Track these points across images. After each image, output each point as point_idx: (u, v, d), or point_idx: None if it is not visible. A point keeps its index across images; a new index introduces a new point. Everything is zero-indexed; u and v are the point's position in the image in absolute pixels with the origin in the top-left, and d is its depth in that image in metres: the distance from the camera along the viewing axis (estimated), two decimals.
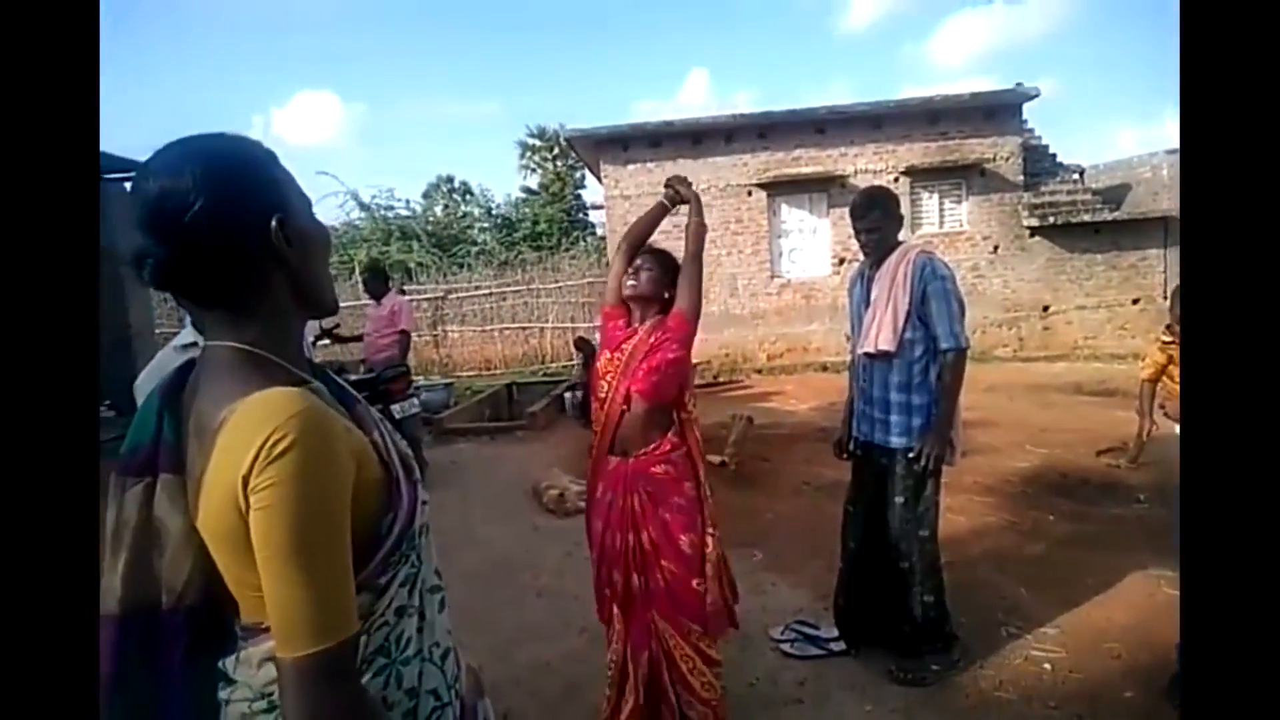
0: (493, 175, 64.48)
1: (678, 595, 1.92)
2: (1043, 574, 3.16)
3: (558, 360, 11.99)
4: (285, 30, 58.10)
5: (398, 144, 46.76)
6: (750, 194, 10.65)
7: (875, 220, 2.39)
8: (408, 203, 19.82)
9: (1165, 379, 2.49)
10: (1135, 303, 10.22)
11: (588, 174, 15.41)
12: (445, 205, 21.62)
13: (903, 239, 2.46)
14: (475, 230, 20.31)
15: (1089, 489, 4.31)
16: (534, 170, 21.65)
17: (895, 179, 10.27)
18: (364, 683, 0.74)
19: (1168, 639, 2.36)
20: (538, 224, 19.47)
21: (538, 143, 21.40)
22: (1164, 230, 9.97)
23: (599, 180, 11.34)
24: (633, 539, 1.94)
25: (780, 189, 10.58)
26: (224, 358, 0.76)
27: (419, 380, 7.90)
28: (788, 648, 2.61)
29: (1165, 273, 10.10)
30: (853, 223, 2.46)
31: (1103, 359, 9.46)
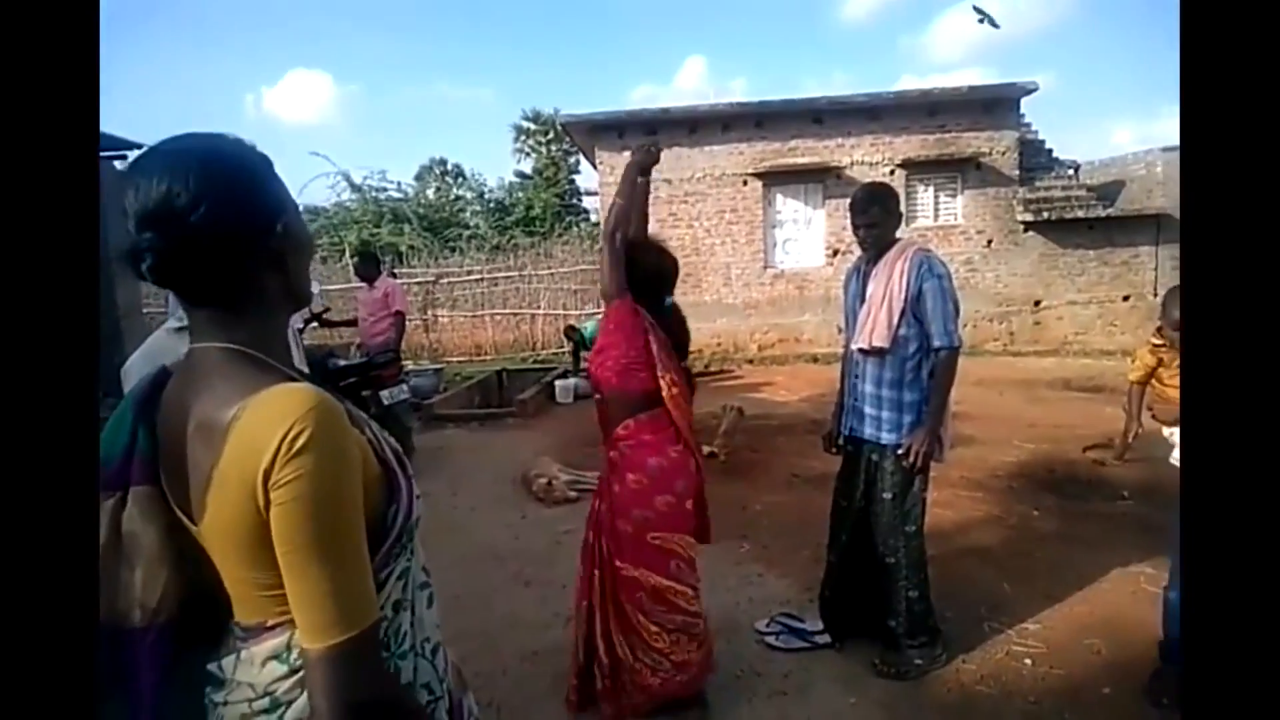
0: (486, 159, 63.86)
1: (625, 545, 2.03)
2: (1027, 569, 3.19)
3: (549, 347, 11.96)
4: (279, 8, 57.10)
5: (391, 126, 46.23)
6: (745, 183, 10.60)
7: (875, 216, 2.38)
8: (400, 185, 19.67)
9: (1155, 382, 2.49)
10: (1126, 299, 10.29)
11: (582, 159, 15.28)
12: (438, 188, 21.43)
13: (899, 235, 2.46)
14: (467, 214, 20.17)
15: (1075, 485, 4.35)
16: (528, 154, 21.48)
17: (891, 171, 10.26)
18: None
19: (1149, 635, 2.39)
20: (531, 209, 19.32)
21: (532, 126, 21.19)
22: (1156, 227, 10.03)
23: (594, 166, 11.25)
24: (599, 504, 2.12)
25: (776, 179, 10.54)
26: (219, 358, 0.75)
27: (408, 365, 7.85)
28: (773, 640, 2.63)
29: (1156, 270, 10.17)
30: (852, 218, 2.45)
31: (1092, 355, 9.53)
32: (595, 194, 11.82)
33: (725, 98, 13.06)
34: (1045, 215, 10.11)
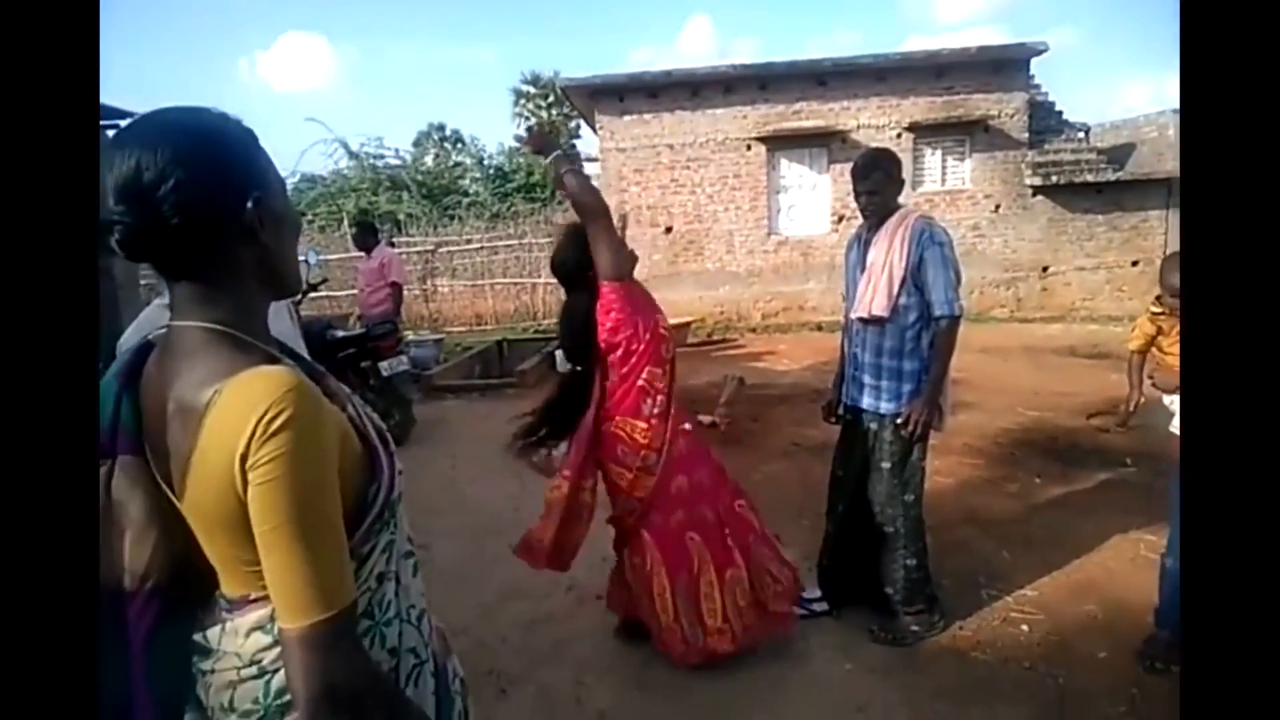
0: (485, 124, 62.81)
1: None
2: (1026, 536, 3.20)
3: (550, 317, 11.88)
4: None
5: (388, 90, 45.43)
6: (749, 148, 10.39)
7: (876, 182, 2.33)
8: (397, 151, 19.33)
9: (1155, 350, 2.46)
10: (1135, 264, 10.15)
11: (583, 124, 14.99)
12: (436, 155, 21.13)
13: (903, 199, 2.41)
14: (467, 181, 19.87)
15: (1077, 452, 4.34)
16: (528, 119, 21.12)
17: (898, 135, 10.04)
18: None
19: (1145, 600, 2.40)
20: (532, 175, 19.01)
21: (532, 90, 20.80)
22: (1167, 191, 9.83)
23: (594, 132, 11.03)
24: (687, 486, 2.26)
25: (780, 143, 10.33)
26: (197, 338, 0.76)
27: (408, 335, 7.83)
28: None
29: (1166, 234, 10.00)
30: (853, 184, 2.40)
31: (1099, 321, 9.46)
32: (596, 159, 11.57)
33: (729, 59, 12.74)
34: (1054, 179, 9.90)
